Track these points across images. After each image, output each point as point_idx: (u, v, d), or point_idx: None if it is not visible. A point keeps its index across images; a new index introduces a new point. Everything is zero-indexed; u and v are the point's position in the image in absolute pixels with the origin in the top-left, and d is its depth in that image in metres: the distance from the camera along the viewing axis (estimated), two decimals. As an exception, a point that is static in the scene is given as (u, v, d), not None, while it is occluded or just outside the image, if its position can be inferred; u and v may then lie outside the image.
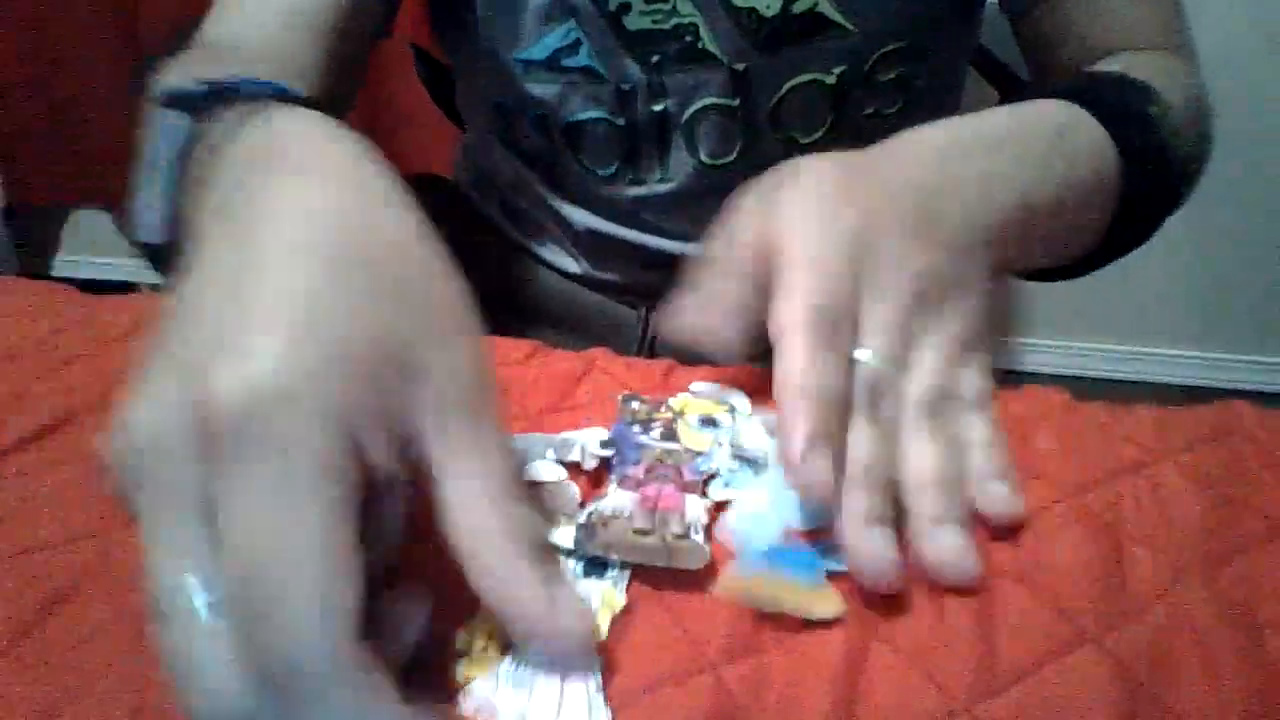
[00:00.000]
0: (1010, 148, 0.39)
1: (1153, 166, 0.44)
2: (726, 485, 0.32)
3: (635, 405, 0.36)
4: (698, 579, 0.29)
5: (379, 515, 0.25)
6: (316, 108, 0.32)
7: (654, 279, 0.67)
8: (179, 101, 0.35)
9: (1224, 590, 0.29)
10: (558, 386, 0.38)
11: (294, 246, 0.24)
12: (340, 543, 0.22)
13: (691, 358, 0.39)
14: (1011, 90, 0.78)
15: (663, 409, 0.36)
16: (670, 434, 0.34)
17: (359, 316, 0.24)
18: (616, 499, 0.31)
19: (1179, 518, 0.31)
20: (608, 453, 0.33)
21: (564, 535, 0.30)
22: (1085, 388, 0.35)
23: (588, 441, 0.34)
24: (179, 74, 0.39)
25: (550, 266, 0.71)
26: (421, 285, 0.26)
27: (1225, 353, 1.65)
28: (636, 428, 0.34)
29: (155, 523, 0.22)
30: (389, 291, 0.25)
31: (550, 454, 0.33)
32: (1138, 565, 0.29)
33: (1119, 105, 0.43)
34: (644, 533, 0.29)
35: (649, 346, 0.69)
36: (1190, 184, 0.49)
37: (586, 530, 0.29)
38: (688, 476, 0.32)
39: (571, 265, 0.70)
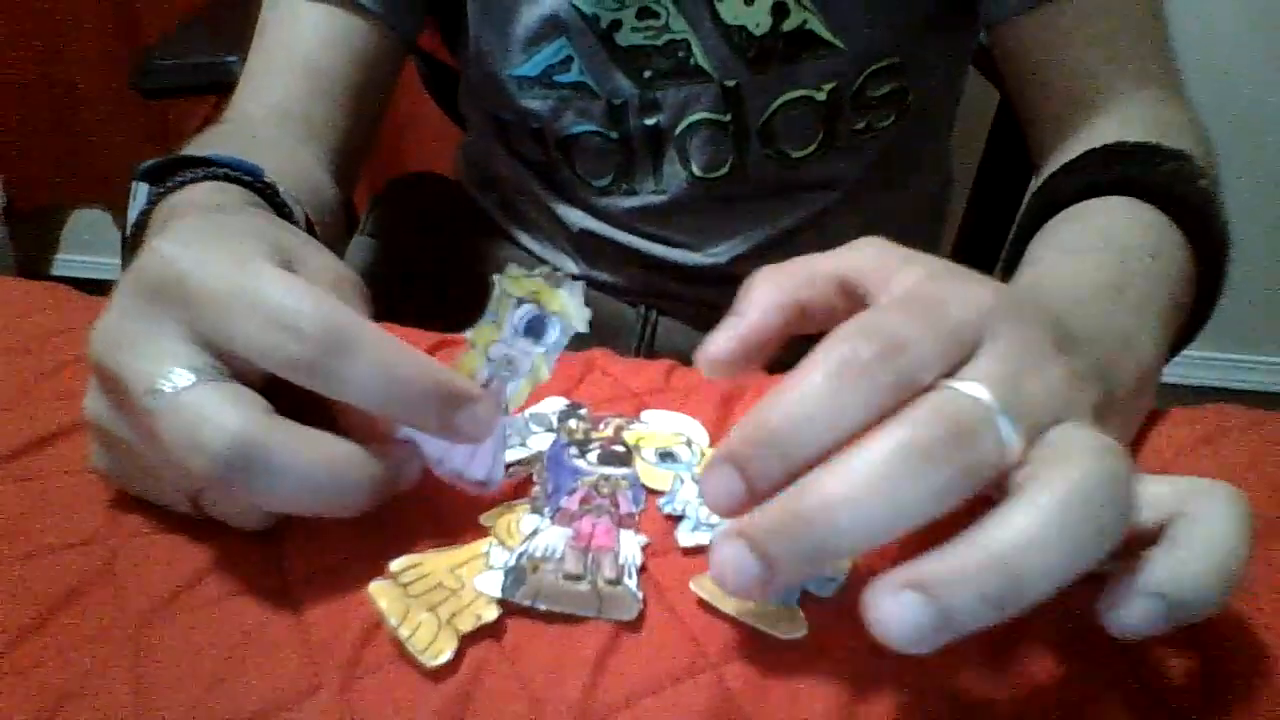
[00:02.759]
0: (1127, 296, 0.35)
1: (1217, 252, 0.41)
2: (695, 529, 0.31)
3: (573, 423, 0.35)
4: (691, 576, 0.29)
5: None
6: (257, 177, 0.41)
7: (652, 280, 0.68)
8: (148, 174, 0.41)
9: (1224, 590, 0.29)
10: (557, 387, 0.38)
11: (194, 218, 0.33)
12: (291, 278, 0.28)
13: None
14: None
15: (602, 426, 0.34)
16: (610, 457, 0.33)
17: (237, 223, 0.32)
18: (549, 536, 0.30)
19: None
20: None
21: (490, 581, 0.28)
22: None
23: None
24: (191, 147, 0.45)
25: (550, 266, 0.72)
26: (287, 228, 0.33)
27: (1225, 353, 1.65)
28: (573, 449, 0.33)
29: (136, 358, 0.27)
30: (262, 221, 0.33)
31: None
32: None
33: (1185, 196, 0.41)
34: (575, 578, 0.28)
35: (649, 346, 0.69)
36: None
37: (515, 575, 0.28)
38: (624, 508, 0.31)
39: (570, 266, 0.70)
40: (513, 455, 0.34)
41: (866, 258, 0.29)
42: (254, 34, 0.58)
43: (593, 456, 0.33)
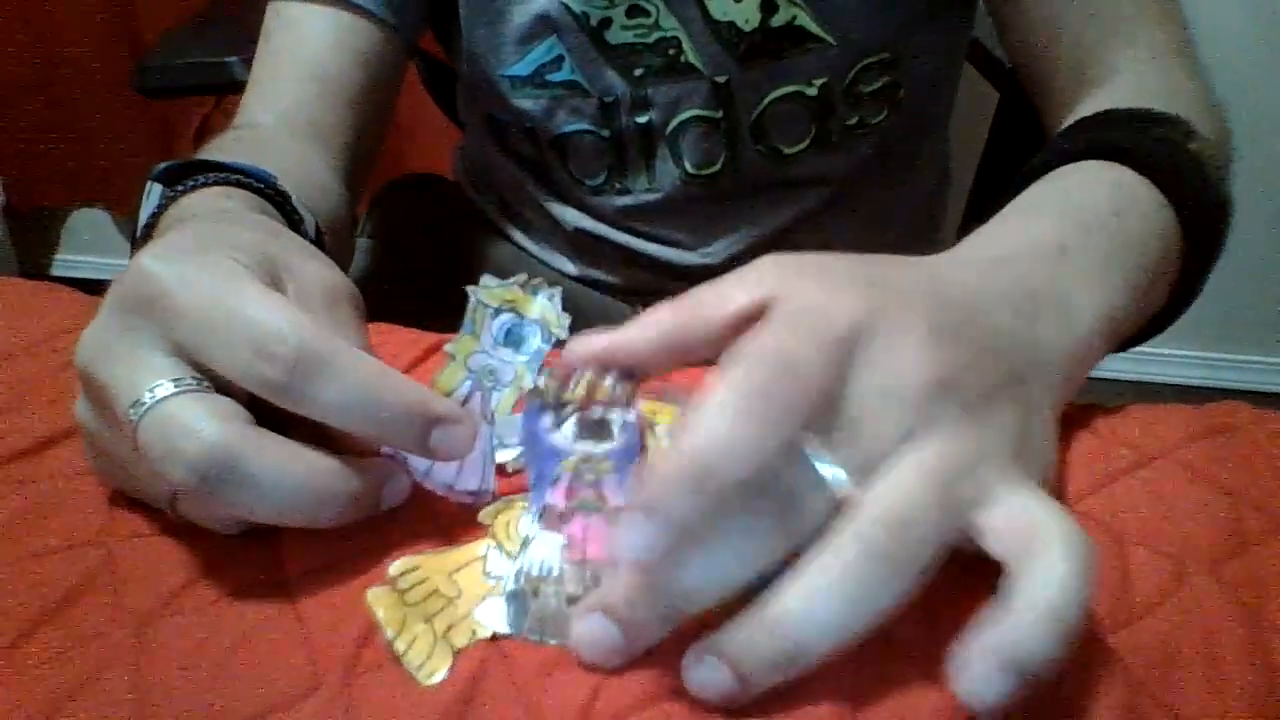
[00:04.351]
0: (1068, 253, 0.34)
1: (1208, 214, 0.39)
2: None
3: (542, 382, 0.31)
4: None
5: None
6: (271, 185, 0.41)
7: (648, 280, 0.68)
8: (162, 176, 0.41)
9: (1227, 589, 0.29)
10: (557, 387, 0.38)
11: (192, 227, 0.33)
12: (269, 297, 0.28)
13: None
14: (1011, 91, 0.78)
15: (574, 384, 0.30)
16: (588, 428, 0.29)
17: (231, 234, 0.32)
18: (543, 548, 0.29)
19: (1178, 517, 0.31)
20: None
21: (494, 613, 0.28)
22: (1083, 387, 0.35)
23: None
24: (204, 154, 0.45)
25: (547, 266, 0.72)
26: (285, 239, 0.34)
27: (1225, 353, 1.65)
28: (547, 419, 0.29)
29: (119, 369, 0.28)
30: (260, 230, 0.33)
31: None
32: (1139, 566, 0.29)
33: (1163, 155, 0.39)
34: (578, 600, 0.27)
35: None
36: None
37: (518, 604, 0.28)
38: (612, 499, 0.29)
39: (567, 265, 0.71)
40: (510, 455, 0.33)
41: (760, 282, 0.28)
42: (259, 40, 0.58)
43: (569, 429, 0.29)
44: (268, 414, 0.28)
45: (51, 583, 0.29)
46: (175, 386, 0.27)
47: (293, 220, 0.41)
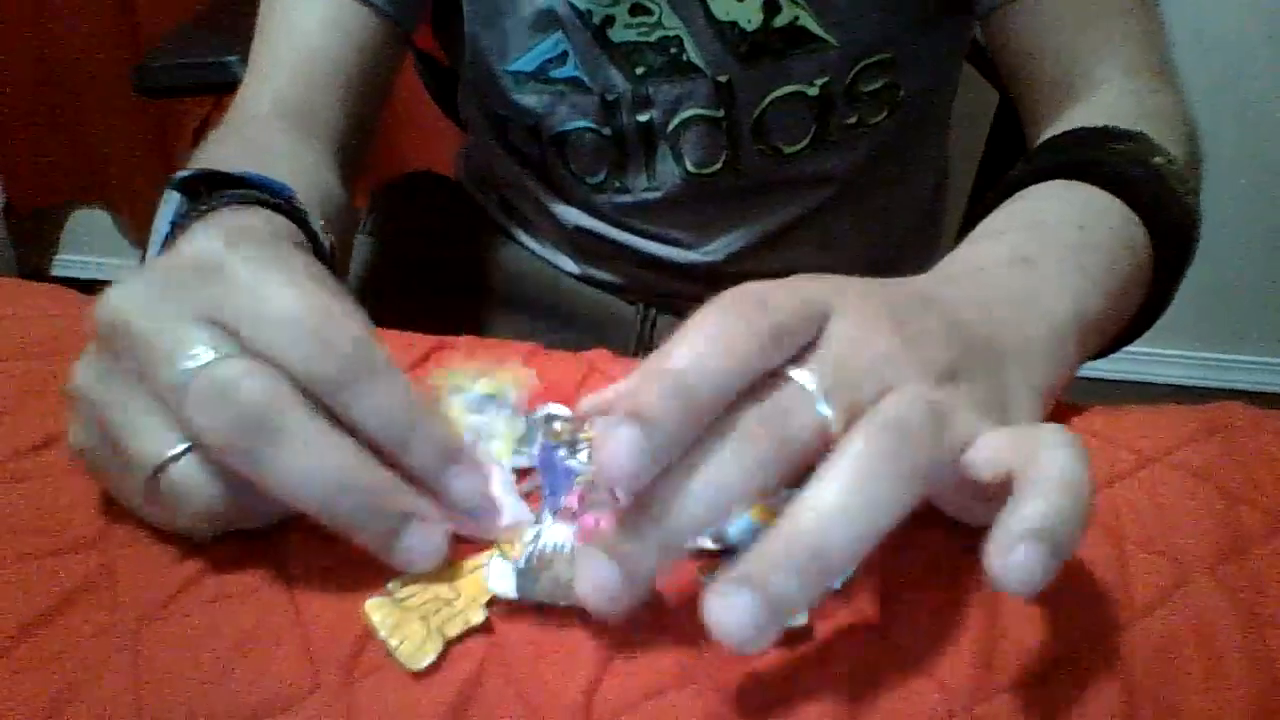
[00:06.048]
0: (1036, 264, 0.35)
1: (1176, 228, 0.40)
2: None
3: (557, 425, 0.34)
4: (693, 573, 0.29)
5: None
6: (290, 201, 0.40)
7: (648, 278, 0.68)
8: (182, 185, 0.40)
9: (1226, 589, 0.29)
10: (558, 390, 0.38)
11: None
12: (313, 294, 0.28)
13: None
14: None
15: (588, 427, 0.33)
16: None
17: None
18: (555, 532, 0.29)
19: (1177, 518, 0.31)
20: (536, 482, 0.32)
21: (503, 577, 0.28)
22: (1082, 387, 0.35)
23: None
24: (206, 154, 0.45)
25: (549, 264, 0.72)
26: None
27: (1225, 353, 1.65)
28: (562, 451, 0.33)
29: (162, 327, 0.27)
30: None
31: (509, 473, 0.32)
32: (1139, 567, 0.29)
33: (1127, 171, 0.40)
34: None
35: (648, 344, 0.69)
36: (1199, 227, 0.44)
37: (527, 575, 0.28)
38: (624, 502, 0.29)
39: (568, 264, 0.71)
40: (517, 459, 0.33)
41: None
42: (255, 32, 0.58)
43: (584, 455, 0.32)
44: None
45: (51, 582, 0.29)
46: (215, 351, 0.27)
47: (309, 233, 0.41)
